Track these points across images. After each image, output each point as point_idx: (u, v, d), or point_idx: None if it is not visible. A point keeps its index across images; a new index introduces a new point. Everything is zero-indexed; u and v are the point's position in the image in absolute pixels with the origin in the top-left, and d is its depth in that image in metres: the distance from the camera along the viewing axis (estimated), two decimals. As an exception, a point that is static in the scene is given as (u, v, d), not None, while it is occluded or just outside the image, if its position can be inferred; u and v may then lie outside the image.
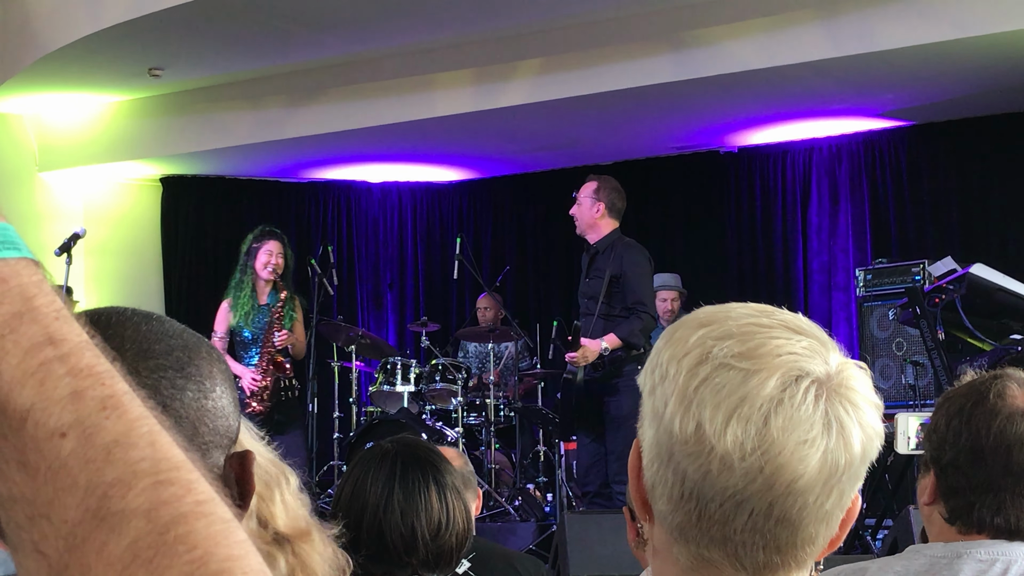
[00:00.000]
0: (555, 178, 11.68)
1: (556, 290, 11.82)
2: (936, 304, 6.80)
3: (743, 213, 11.08)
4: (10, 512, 0.73)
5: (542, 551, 7.65)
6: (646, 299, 7.63)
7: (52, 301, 0.76)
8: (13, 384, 0.73)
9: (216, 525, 0.72)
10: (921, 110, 9.82)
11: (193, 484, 0.73)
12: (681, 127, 10.35)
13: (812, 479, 1.26)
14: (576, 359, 7.57)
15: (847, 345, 1.36)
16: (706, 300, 1.48)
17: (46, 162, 10.86)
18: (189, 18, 8.36)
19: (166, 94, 10.37)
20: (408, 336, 11.90)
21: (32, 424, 0.72)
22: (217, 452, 1.25)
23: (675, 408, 1.28)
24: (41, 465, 0.72)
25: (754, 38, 8.59)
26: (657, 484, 1.32)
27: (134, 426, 0.74)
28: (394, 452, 2.71)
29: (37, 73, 9.49)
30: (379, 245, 12.38)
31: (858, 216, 10.48)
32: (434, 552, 2.62)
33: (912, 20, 8.08)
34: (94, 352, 0.76)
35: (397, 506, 2.61)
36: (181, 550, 0.70)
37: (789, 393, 1.26)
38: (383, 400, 9.42)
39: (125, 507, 0.71)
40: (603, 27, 8.91)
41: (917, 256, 8.92)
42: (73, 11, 8.84)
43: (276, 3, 8.26)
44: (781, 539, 1.29)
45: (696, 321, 1.34)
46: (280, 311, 8.07)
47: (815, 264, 10.65)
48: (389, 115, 9.94)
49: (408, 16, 8.59)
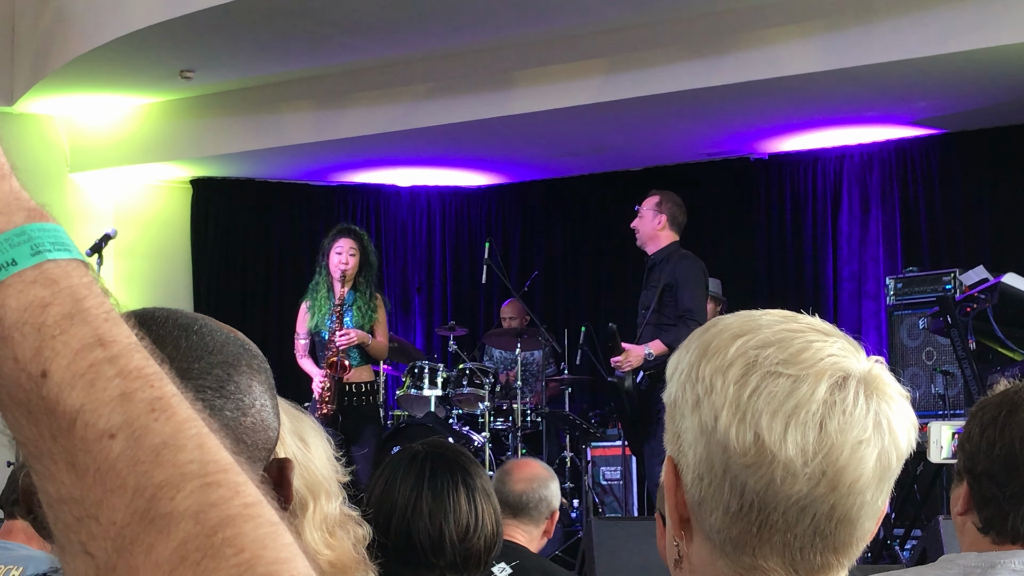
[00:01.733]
0: (585, 183, 11.69)
1: (584, 296, 11.80)
2: (967, 313, 6.77)
3: (773, 220, 11.04)
4: (59, 513, 0.73)
5: (568, 557, 7.64)
6: (697, 308, 7.65)
7: (102, 303, 0.76)
8: (63, 385, 0.73)
9: (263, 528, 0.73)
10: (953, 118, 9.77)
11: (241, 487, 0.74)
12: (712, 133, 10.33)
13: (869, 477, 1.29)
14: (620, 363, 7.61)
15: (876, 353, 1.38)
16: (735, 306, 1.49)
17: (77, 163, 10.91)
18: (221, 21, 8.38)
19: (197, 96, 10.40)
20: (436, 340, 11.90)
21: (81, 425, 0.73)
22: (256, 465, 1.25)
23: (729, 420, 1.28)
24: (90, 466, 0.72)
25: (786, 45, 8.57)
26: (707, 499, 1.31)
27: (182, 428, 0.74)
28: (424, 454, 2.72)
29: (69, 75, 9.54)
30: (407, 249, 12.39)
31: (889, 224, 10.44)
32: (462, 554, 2.62)
33: (945, 28, 8.05)
34: (143, 354, 0.76)
35: (426, 508, 2.62)
36: (229, 552, 0.71)
37: (840, 395, 1.28)
38: (410, 404, 9.43)
39: (173, 509, 0.71)
40: (634, 33, 8.90)
41: (948, 265, 8.89)
42: (105, 13, 8.89)
43: (308, 6, 8.28)
44: (840, 539, 1.32)
45: (729, 331, 1.34)
46: (339, 310, 7.98)
47: (845, 272, 10.61)
48: (419, 119, 9.94)
49: (438, 20, 8.60)
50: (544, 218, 12.09)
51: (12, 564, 3.44)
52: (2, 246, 0.75)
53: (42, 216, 0.78)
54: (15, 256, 0.75)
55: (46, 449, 0.73)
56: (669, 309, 7.71)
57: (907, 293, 8.72)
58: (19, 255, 0.75)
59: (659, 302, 7.70)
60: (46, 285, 0.75)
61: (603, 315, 10.59)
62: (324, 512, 2.04)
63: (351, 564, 2.09)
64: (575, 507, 9.23)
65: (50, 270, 0.76)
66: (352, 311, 8.02)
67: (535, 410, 9.54)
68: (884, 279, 9.49)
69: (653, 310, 7.72)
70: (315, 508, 2.03)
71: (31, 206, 0.78)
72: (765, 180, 11.07)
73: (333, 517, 2.05)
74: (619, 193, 11.23)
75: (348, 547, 2.09)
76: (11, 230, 0.76)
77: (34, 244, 0.76)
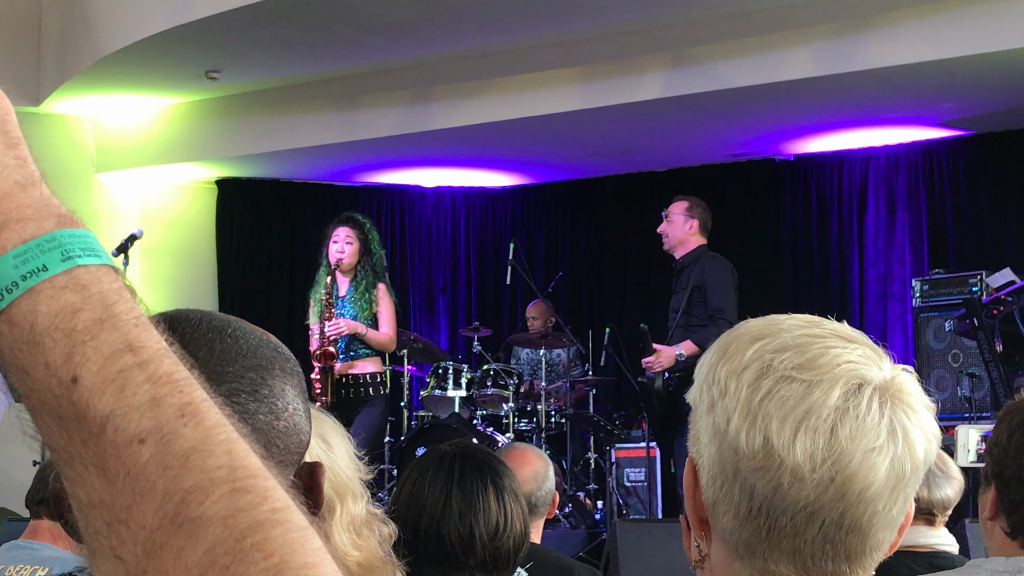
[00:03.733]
0: (610, 184, 11.68)
1: (609, 297, 11.80)
2: (994, 316, 6.75)
3: (798, 221, 11.02)
4: (89, 518, 0.74)
5: (592, 559, 7.64)
6: (727, 308, 7.71)
7: (132, 308, 0.77)
8: (93, 391, 0.74)
9: (292, 533, 0.73)
10: (980, 120, 9.73)
11: (269, 492, 0.74)
12: (737, 135, 10.31)
13: (881, 486, 1.27)
14: (651, 364, 7.64)
15: (902, 356, 1.37)
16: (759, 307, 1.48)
17: (103, 163, 10.95)
18: (246, 21, 8.41)
19: (222, 97, 10.43)
20: (460, 341, 11.92)
21: (112, 430, 0.73)
22: (288, 469, 1.25)
23: (740, 423, 1.28)
24: (120, 471, 0.73)
25: (813, 45, 8.55)
26: (720, 501, 1.31)
27: (211, 433, 0.75)
28: (452, 455, 2.73)
29: (95, 75, 9.58)
30: (432, 250, 12.41)
31: (915, 226, 10.40)
32: (492, 554, 2.63)
33: (972, 29, 8.02)
34: (173, 359, 0.77)
35: (455, 507, 2.63)
36: (257, 557, 0.71)
37: (853, 402, 1.27)
38: (434, 404, 9.45)
39: (202, 514, 0.72)
40: (658, 33, 8.89)
41: (974, 267, 8.85)
42: (131, 14, 8.92)
43: (333, 7, 8.29)
44: (851, 547, 1.30)
45: (749, 335, 1.34)
46: (327, 298, 7.88)
47: (871, 274, 10.58)
48: (443, 119, 9.96)
49: (463, 21, 8.60)
50: (569, 219, 12.09)
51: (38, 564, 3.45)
52: (33, 252, 0.76)
53: (72, 222, 0.78)
54: (46, 262, 0.76)
55: (77, 454, 0.74)
56: (698, 310, 7.76)
57: (933, 295, 8.69)
58: (49, 261, 0.76)
59: (688, 304, 7.75)
60: (77, 291, 0.75)
61: (628, 316, 10.59)
62: (351, 513, 2.04)
63: (378, 564, 2.10)
64: (599, 508, 9.23)
65: (80, 276, 0.76)
66: (346, 302, 7.90)
67: (559, 411, 9.54)
68: (910, 281, 9.46)
69: (682, 312, 7.77)
70: (342, 510, 2.03)
71: (61, 212, 0.79)
72: (791, 181, 11.05)
73: (360, 518, 2.06)
74: (644, 194, 11.24)
75: (375, 546, 2.09)
76: (41, 236, 0.76)
77: (64, 250, 0.76)
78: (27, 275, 0.75)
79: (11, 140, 0.80)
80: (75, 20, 9.61)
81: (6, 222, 0.76)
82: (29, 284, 0.75)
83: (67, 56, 9.74)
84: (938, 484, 3.28)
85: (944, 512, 3.35)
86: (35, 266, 0.75)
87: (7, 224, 0.76)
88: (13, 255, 0.76)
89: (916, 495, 1.32)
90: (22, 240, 0.76)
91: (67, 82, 9.74)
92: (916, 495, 1.32)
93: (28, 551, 3.53)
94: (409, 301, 12.20)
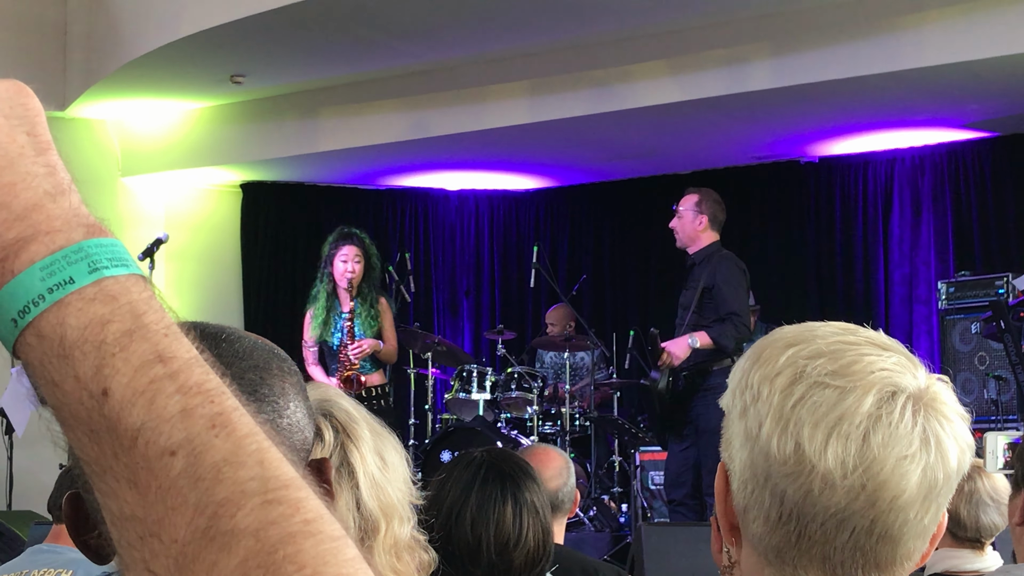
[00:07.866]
0: (633, 187, 11.66)
1: (633, 299, 11.78)
2: (1021, 318, 6.72)
3: (823, 223, 10.98)
4: (121, 531, 0.73)
5: (617, 562, 7.62)
6: (740, 310, 7.63)
7: (161, 318, 0.76)
8: (124, 403, 0.73)
9: (325, 544, 0.72)
10: (1006, 121, 9.69)
11: (302, 502, 0.73)
12: (761, 136, 10.28)
13: (913, 495, 1.26)
14: (665, 361, 7.57)
15: (928, 358, 1.36)
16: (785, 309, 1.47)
17: (129, 167, 10.99)
18: (271, 26, 8.42)
19: (247, 101, 10.46)
20: (484, 344, 11.91)
21: (143, 443, 0.73)
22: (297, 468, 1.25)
23: (771, 429, 1.27)
24: (152, 484, 0.72)
25: (838, 47, 8.52)
26: (751, 507, 1.31)
27: (243, 444, 0.74)
28: (479, 461, 2.72)
29: (121, 79, 9.61)
30: (456, 253, 12.41)
31: (940, 228, 10.36)
32: (499, 567, 2.62)
33: (998, 31, 7.98)
34: (204, 369, 0.76)
35: (468, 514, 2.63)
36: (290, 570, 0.71)
37: (886, 410, 1.26)
38: (459, 408, 9.45)
39: (234, 526, 0.71)
40: (683, 36, 8.88)
41: (1001, 269, 8.81)
42: (156, 19, 8.95)
43: (359, 11, 8.30)
44: (882, 556, 1.29)
45: (783, 341, 1.33)
46: (351, 322, 7.97)
47: (896, 276, 10.53)
48: (467, 123, 9.96)
49: (487, 24, 8.60)
50: (592, 222, 12.08)
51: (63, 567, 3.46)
52: (59, 264, 0.75)
53: (100, 231, 0.78)
54: (72, 274, 0.75)
55: (108, 467, 0.73)
56: (708, 310, 7.69)
57: (959, 297, 8.66)
58: (76, 273, 0.75)
59: (699, 303, 7.68)
60: (105, 302, 0.75)
61: (652, 319, 10.57)
62: (395, 535, 2.00)
63: None
64: (624, 512, 9.21)
65: (109, 287, 0.75)
66: (357, 321, 8.01)
67: (584, 414, 9.53)
68: (936, 283, 9.42)
69: (693, 311, 7.70)
70: (387, 531, 1.99)
71: (90, 222, 0.78)
72: (815, 183, 11.02)
73: (403, 541, 2.02)
74: (668, 196, 11.16)
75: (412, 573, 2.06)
76: (68, 247, 0.76)
77: (92, 261, 0.76)
78: (54, 287, 0.75)
79: (41, 145, 0.79)
80: (101, 25, 9.64)
81: (35, 234, 0.76)
82: (56, 297, 0.74)
83: (93, 61, 9.77)
84: (986, 511, 3.25)
85: (990, 538, 3.33)
86: (62, 278, 0.75)
87: (36, 236, 0.76)
88: (39, 267, 0.75)
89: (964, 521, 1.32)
90: (49, 252, 0.75)
91: (93, 86, 9.77)
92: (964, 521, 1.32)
93: (52, 555, 3.54)
94: (433, 304, 12.21)
